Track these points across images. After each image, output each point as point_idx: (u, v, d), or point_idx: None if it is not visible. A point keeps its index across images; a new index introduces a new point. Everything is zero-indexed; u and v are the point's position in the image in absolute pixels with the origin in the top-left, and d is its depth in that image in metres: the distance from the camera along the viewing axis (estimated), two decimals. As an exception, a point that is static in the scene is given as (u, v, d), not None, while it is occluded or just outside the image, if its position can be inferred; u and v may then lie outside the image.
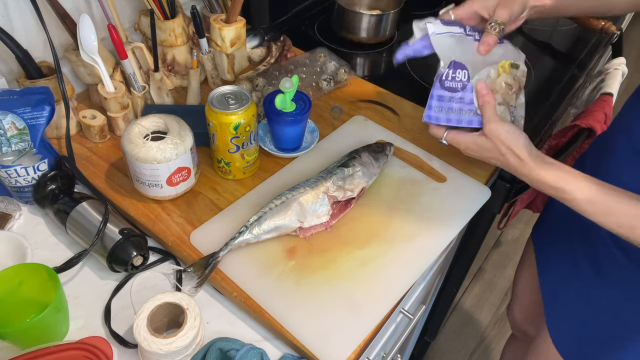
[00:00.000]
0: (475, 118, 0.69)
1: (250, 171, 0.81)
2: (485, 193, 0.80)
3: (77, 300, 0.67)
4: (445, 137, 0.72)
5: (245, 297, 0.65)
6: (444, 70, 0.69)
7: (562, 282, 0.86)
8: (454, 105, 0.69)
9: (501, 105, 0.71)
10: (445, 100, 0.69)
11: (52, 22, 0.81)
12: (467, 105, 0.69)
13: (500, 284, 1.92)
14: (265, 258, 0.69)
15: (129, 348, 0.63)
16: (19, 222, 0.76)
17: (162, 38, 0.90)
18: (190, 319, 0.60)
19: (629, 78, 1.11)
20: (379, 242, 0.72)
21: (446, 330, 1.77)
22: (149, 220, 0.74)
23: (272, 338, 0.65)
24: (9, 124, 0.69)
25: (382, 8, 1.19)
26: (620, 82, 1.05)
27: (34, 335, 0.59)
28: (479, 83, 0.68)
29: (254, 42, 1.02)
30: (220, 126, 0.72)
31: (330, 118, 0.93)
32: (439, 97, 0.69)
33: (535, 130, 0.95)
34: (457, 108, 0.69)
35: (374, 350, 0.87)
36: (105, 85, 0.82)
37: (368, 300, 0.65)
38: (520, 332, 1.20)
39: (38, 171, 0.73)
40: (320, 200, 0.72)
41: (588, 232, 0.79)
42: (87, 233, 0.68)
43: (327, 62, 1.00)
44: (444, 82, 0.69)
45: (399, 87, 1.01)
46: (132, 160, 0.70)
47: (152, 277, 0.71)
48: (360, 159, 0.78)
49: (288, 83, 0.76)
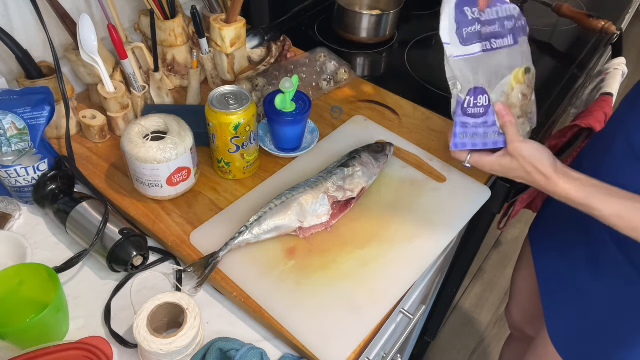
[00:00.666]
0: (499, 138, 0.69)
1: (250, 171, 0.81)
2: (485, 193, 0.80)
3: (77, 300, 0.67)
4: (469, 160, 0.71)
5: (245, 297, 0.65)
6: (463, 97, 0.68)
7: (561, 281, 0.86)
8: (478, 130, 0.69)
9: (520, 117, 0.71)
10: (469, 126, 0.69)
11: (52, 22, 0.81)
12: (491, 128, 0.69)
13: (500, 284, 1.92)
14: (265, 258, 0.69)
15: (129, 348, 0.63)
16: (19, 222, 0.76)
17: (162, 38, 0.90)
18: (190, 319, 0.60)
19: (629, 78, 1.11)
20: (379, 242, 0.72)
21: (446, 330, 1.77)
22: (149, 220, 0.74)
23: (272, 338, 0.65)
24: (9, 124, 0.69)
25: (382, 8, 1.19)
26: (620, 82, 1.05)
27: (34, 335, 0.59)
28: (497, 105, 0.68)
29: (254, 42, 1.02)
30: (220, 126, 0.72)
31: (330, 118, 0.93)
32: (463, 124, 0.69)
33: (536, 130, 0.94)
34: (482, 132, 0.69)
35: (374, 350, 0.87)
36: (105, 85, 0.82)
37: (368, 300, 0.65)
38: (518, 332, 1.20)
39: (38, 171, 0.73)
40: (320, 200, 0.72)
41: (586, 231, 0.79)
42: (87, 233, 0.68)
43: (327, 62, 1.00)
44: (467, 110, 0.68)
45: (399, 87, 1.01)
46: (132, 160, 0.70)
47: (152, 277, 0.71)
48: (360, 159, 0.78)
49: (288, 83, 0.76)
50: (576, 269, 0.82)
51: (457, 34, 0.66)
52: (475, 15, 0.67)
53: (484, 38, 0.68)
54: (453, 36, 0.67)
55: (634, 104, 0.71)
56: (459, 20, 0.66)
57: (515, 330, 1.21)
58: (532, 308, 1.08)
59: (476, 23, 0.67)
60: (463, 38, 0.67)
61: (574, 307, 0.83)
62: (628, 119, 0.70)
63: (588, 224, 0.79)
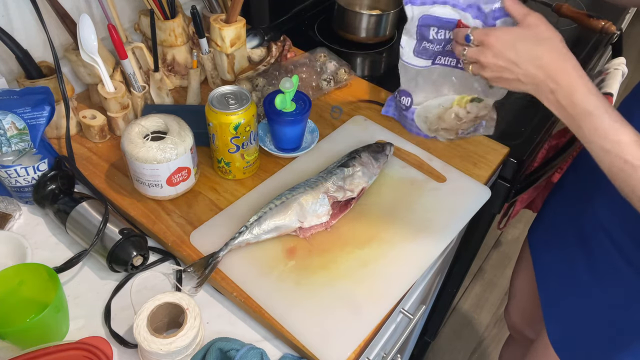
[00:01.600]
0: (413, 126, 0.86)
1: (250, 171, 0.81)
2: (485, 193, 0.80)
3: (77, 300, 0.67)
4: (471, 32, 0.65)
5: (245, 297, 0.65)
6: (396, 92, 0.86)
7: (560, 283, 0.86)
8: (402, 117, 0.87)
9: (447, 130, 0.83)
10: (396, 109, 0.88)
11: (52, 22, 0.81)
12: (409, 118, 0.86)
13: (500, 284, 1.92)
14: (265, 258, 0.69)
15: (129, 348, 0.63)
16: (19, 222, 0.76)
17: (162, 38, 0.90)
18: (190, 319, 0.60)
19: (629, 78, 1.11)
20: (379, 242, 0.72)
21: (446, 330, 1.77)
22: (149, 220, 0.74)
23: (272, 338, 0.65)
24: (9, 124, 0.69)
25: (382, 8, 1.19)
26: (620, 82, 1.05)
27: (34, 335, 0.59)
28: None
29: (254, 42, 1.02)
30: (220, 126, 0.72)
31: (330, 118, 0.93)
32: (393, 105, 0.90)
33: (536, 130, 0.95)
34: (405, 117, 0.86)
35: (374, 350, 0.87)
36: (105, 85, 0.82)
37: (368, 300, 0.65)
38: (517, 333, 1.19)
39: (38, 171, 0.73)
40: (320, 200, 0.72)
41: (585, 233, 0.79)
42: (87, 233, 0.68)
43: (327, 62, 1.00)
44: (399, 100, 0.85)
45: (398, 87, 1.00)
46: (132, 160, 0.70)
47: (152, 277, 0.71)
48: (360, 159, 0.78)
49: (288, 83, 0.76)
50: (575, 271, 0.82)
51: (414, 47, 0.78)
52: (436, 36, 0.76)
53: (433, 55, 0.78)
54: (410, 46, 0.78)
55: (631, 105, 0.71)
56: (420, 33, 0.76)
57: (515, 332, 1.21)
58: (532, 310, 1.07)
59: (434, 43, 0.76)
60: (418, 51, 0.78)
61: (574, 309, 0.83)
62: (628, 120, 0.70)
63: (587, 227, 0.79)
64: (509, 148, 0.88)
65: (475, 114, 0.79)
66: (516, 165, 0.89)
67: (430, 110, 0.82)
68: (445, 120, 0.81)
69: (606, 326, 0.78)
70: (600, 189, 0.76)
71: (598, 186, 0.76)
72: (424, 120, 0.84)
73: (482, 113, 0.80)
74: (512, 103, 0.98)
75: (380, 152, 0.80)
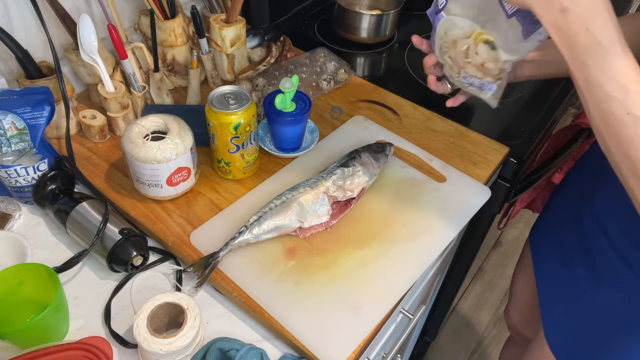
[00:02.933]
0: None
1: (250, 171, 0.81)
2: (485, 193, 0.80)
3: (77, 300, 0.67)
4: None
5: (245, 297, 0.65)
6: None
7: (559, 284, 0.86)
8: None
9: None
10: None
11: (52, 22, 0.81)
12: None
13: (500, 284, 1.92)
14: (265, 258, 0.69)
15: (129, 348, 0.63)
16: (19, 222, 0.76)
17: (162, 38, 0.90)
18: (190, 319, 0.60)
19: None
20: (379, 242, 0.72)
21: (446, 330, 1.77)
22: (149, 220, 0.74)
23: (272, 338, 0.65)
24: (9, 124, 0.69)
25: (382, 8, 1.19)
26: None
27: (34, 335, 0.59)
28: None
29: (254, 42, 1.02)
30: (220, 126, 0.72)
31: (330, 118, 0.93)
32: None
33: (536, 130, 0.95)
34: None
35: (374, 350, 0.87)
36: (105, 85, 0.82)
37: (368, 300, 0.65)
38: (517, 333, 1.19)
39: (38, 171, 0.73)
40: (320, 200, 0.72)
41: (586, 234, 0.79)
42: (87, 233, 0.68)
43: (327, 62, 1.00)
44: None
45: (399, 87, 1.01)
46: (132, 160, 0.70)
47: (152, 277, 0.71)
48: (360, 159, 0.78)
49: (288, 83, 0.76)
50: (575, 273, 0.81)
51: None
52: None
53: None
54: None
55: None
56: None
57: (514, 332, 1.21)
58: (531, 310, 1.08)
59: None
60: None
61: (572, 311, 0.83)
62: None
63: (588, 229, 0.78)
64: (509, 148, 0.88)
65: (483, 60, 0.71)
66: (516, 165, 0.89)
67: (452, 28, 0.71)
68: (456, 47, 0.70)
69: (604, 329, 0.78)
70: (600, 190, 0.76)
71: (598, 188, 0.76)
72: (442, 35, 0.72)
73: (490, 66, 0.72)
74: (512, 103, 0.98)
75: (381, 152, 0.80)
